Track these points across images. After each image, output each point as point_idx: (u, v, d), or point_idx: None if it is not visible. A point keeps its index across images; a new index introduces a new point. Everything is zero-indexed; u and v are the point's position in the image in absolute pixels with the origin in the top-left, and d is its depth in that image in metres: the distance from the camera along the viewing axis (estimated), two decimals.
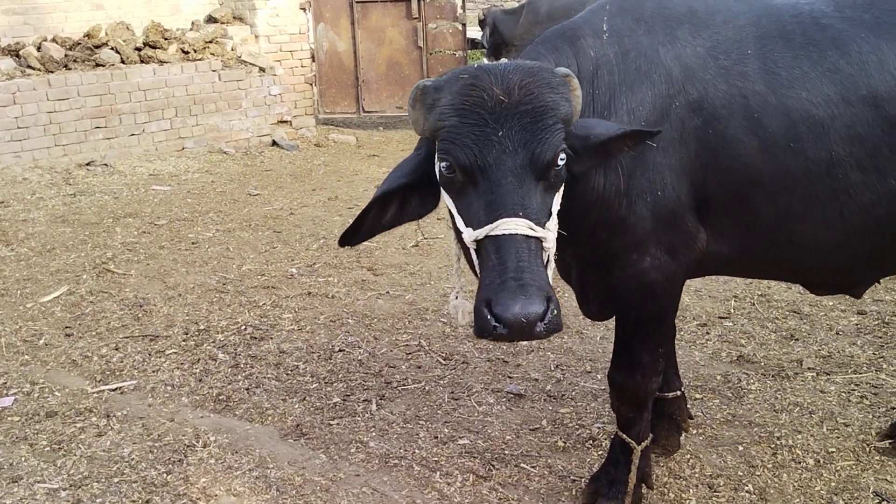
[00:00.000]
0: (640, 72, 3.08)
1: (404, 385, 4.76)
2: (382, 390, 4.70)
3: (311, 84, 13.27)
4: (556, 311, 2.50)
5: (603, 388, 4.58)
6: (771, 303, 5.81)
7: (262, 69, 12.35)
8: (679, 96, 3.06)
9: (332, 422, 4.35)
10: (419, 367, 4.98)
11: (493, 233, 2.57)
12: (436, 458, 4.00)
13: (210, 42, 12.21)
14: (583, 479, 3.77)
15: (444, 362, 5.03)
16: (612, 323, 3.51)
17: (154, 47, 11.74)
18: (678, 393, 3.96)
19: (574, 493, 3.71)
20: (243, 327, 5.56)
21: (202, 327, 5.57)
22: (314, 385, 4.76)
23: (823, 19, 3.15)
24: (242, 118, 12.04)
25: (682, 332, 5.36)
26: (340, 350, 5.19)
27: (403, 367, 5.00)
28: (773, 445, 4.03)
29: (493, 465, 3.92)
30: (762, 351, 5.07)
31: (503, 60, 2.73)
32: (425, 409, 4.49)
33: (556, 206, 2.73)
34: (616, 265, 3.21)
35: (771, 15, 3.19)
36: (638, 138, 2.90)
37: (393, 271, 6.69)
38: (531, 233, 2.57)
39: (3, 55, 10.71)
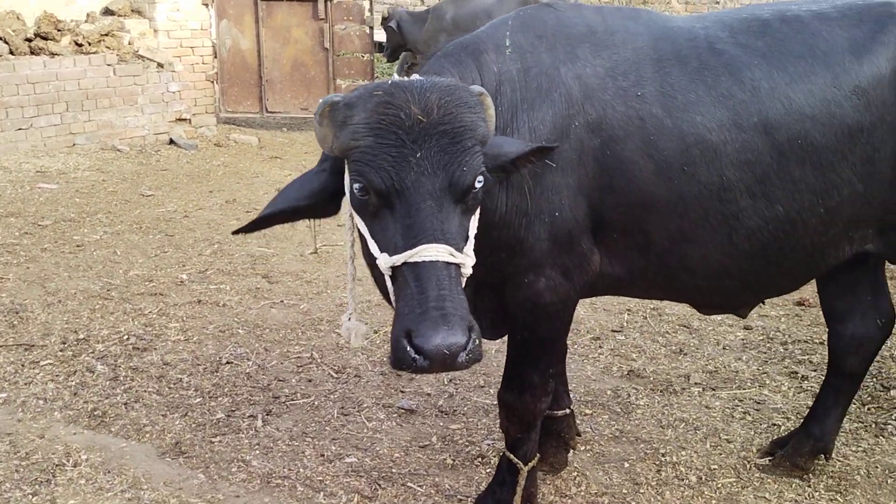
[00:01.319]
0: (541, 90, 3.05)
1: (293, 400, 4.63)
2: (269, 405, 4.56)
3: (213, 82, 12.94)
4: (477, 341, 2.42)
5: (494, 403, 4.54)
6: (662, 317, 5.90)
7: (160, 65, 11.97)
8: (579, 116, 3.05)
9: (213, 439, 4.19)
10: (310, 381, 4.85)
11: (412, 259, 2.46)
12: (320, 478, 3.88)
13: (106, 35, 11.77)
14: (469, 499, 3.72)
15: (335, 376, 4.92)
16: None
17: (46, 38, 11.24)
18: (567, 411, 3.95)
19: None
20: (126, 337, 5.33)
21: (81, 336, 5.31)
22: (197, 400, 4.59)
23: (718, 44, 3.19)
24: (138, 115, 11.65)
25: (575, 346, 5.38)
26: (228, 362, 5.03)
27: (293, 380, 4.86)
28: (657, 462, 4.06)
29: (380, 485, 3.84)
30: (652, 365, 5.12)
31: (414, 76, 2.71)
32: (313, 425, 4.37)
33: (472, 230, 2.67)
34: (510, 286, 3.18)
35: (668, 38, 3.22)
36: (542, 154, 2.87)
37: (289, 279, 6.53)
38: (451, 259, 2.48)
39: None
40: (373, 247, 2.60)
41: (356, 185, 2.55)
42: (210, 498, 3.71)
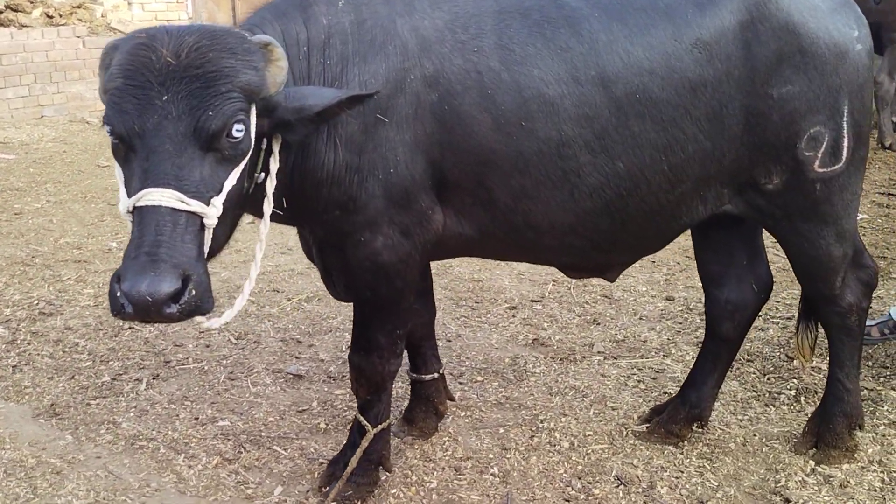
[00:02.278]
0: (374, 42, 2.96)
1: (183, 364, 4.61)
2: (159, 369, 4.54)
3: None
4: (194, 292, 2.37)
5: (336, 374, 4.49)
6: (586, 287, 5.81)
7: None
8: (415, 70, 2.96)
9: (92, 402, 4.18)
10: (207, 346, 4.83)
11: (138, 203, 2.42)
12: (186, 441, 3.86)
13: (78, 7, 11.79)
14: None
15: (234, 342, 4.90)
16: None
17: (16, 11, 11.26)
18: (435, 375, 3.90)
19: (316, 475, 3.61)
20: (36, 302, 5.34)
21: None
22: (87, 363, 4.58)
23: None
24: None
25: (489, 315, 5.33)
26: (130, 328, 5.00)
27: (191, 345, 4.84)
28: (533, 428, 4.00)
29: (244, 448, 3.81)
30: (560, 335, 5.05)
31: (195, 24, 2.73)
32: (196, 389, 4.35)
33: (231, 182, 2.58)
34: (348, 244, 3.12)
35: None
36: (355, 102, 2.77)
37: None
38: (181, 206, 2.41)
39: None
40: (122, 193, 2.54)
41: (106, 128, 2.51)
42: (71, 458, 3.70)
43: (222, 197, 2.55)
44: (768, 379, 4.49)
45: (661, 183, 3.14)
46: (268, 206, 2.88)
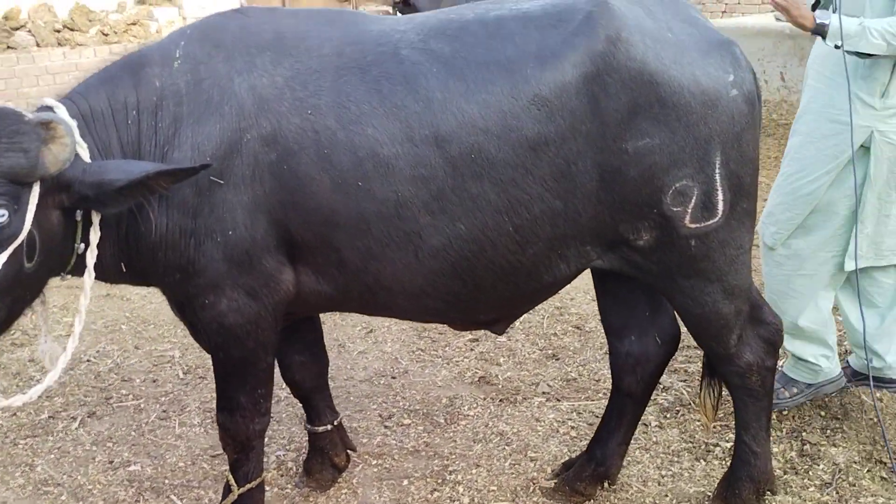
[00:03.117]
0: (211, 103, 2.89)
1: (122, 401, 4.67)
2: (97, 407, 4.61)
3: None
4: None
5: (291, 413, 4.46)
6: (562, 317, 5.61)
7: None
8: (251, 130, 2.87)
9: (21, 441, 4.28)
10: (154, 382, 4.89)
11: None
12: (91, 486, 3.91)
13: (133, 24, 12.15)
14: None
15: (181, 377, 4.94)
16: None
17: (73, 30, 11.71)
18: (329, 427, 3.82)
19: None
20: (13, 332, 5.49)
21: None
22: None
23: (405, 50, 2.97)
24: None
25: (447, 349, 5.21)
26: (87, 360, 5.12)
27: (137, 380, 4.90)
28: (439, 481, 3.88)
29: (143, 496, 3.84)
30: (511, 371, 4.89)
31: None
32: (123, 429, 4.39)
33: None
34: (194, 306, 3.07)
35: (357, 44, 3.02)
36: (171, 178, 2.72)
37: None
38: None
39: None
40: None
41: None
42: None
43: None
44: (713, 427, 4.21)
45: (508, 244, 2.97)
46: (88, 278, 2.85)
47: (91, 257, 2.82)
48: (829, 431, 4.07)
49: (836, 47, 3.62)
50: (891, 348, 4.16)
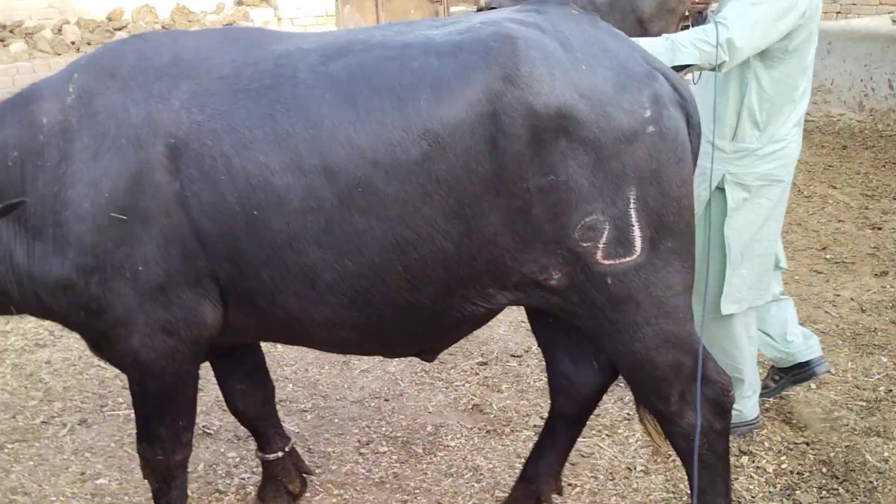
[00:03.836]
0: (107, 136, 2.78)
1: (114, 410, 4.71)
2: (90, 414, 4.67)
3: None
4: None
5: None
6: None
7: None
8: (151, 160, 2.76)
9: (8, 445, 4.38)
10: None
11: None
12: (54, 499, 3.95)
13: (230, 24, 12.43)
14: None
15: None
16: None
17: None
18: (280, 454, 3.70)
19: None
20: (40, 332, 5.68)
21: None
22: (36, 402, 4.80)
23: (302, 73, 2.82)
24: None
25: (452, 371, 5.01)
26: (97, 365, 5.19)
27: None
28: None
29: None
30: (509, 401, 4.65)
31: None
32: (106, 439, 4.43)
33: None
34: (104, 342, 3.00)
35: (257, 64, 2.88)
36: None
37: None
38: None
39: (19, 38, 11.36)
40: None
41: None
42: None
43: None
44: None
45: (401, 283, 2.81)
46: None
47: None
48: (824, 492, 3.65)
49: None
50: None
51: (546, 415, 4.36)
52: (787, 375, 4.33)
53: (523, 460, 4.02)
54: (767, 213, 3.81)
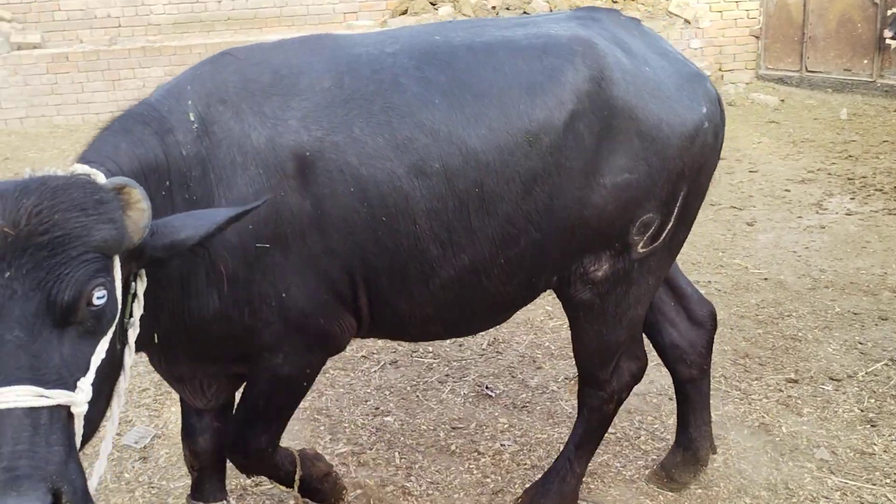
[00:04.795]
0: (235, 165, 2.75)
1: (421, 357, 5.17)
2: (403, 357, 5.18)
3: (756, 37, 12.65)
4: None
5: (520, 403, 4.44)
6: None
7: (686, 21, 12.20)
8: (282, 184, 2.77)
9: (332, 370, 5.04)
10: (460, 346, 5.30)
11: None
12: (346, 424, 4.48)
13: None
14: None
15: (484, 348, 5.26)
16: None
17: None
18: None
19: None
20: None
21: None
22: None
23: (403, 78, 2.93)
24: None
25: (758, 381, 4.69)
26: None
27: None
28: None
29: (377, 445, 4.28)
30: (808, 426, 4.25)
31: (26, 175, 2.31)
32: (404, 382, 4.89)
33: (100, 355, 2.23)
34: (246, 363, 3.04)
35: (353, 72, 2.92)
36: (236, 220, 2.50)
37: None
38: (41, 402, 2.05)
39: (447, 1, 12.45)
40: None
41: None
42: None
43: (91, 376, 2.19)
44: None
45: (500, 275, 3.05)
46: (129, 357, 2.50)
47: (133, 333, 2.49)
48: None
49: None
50: None
51: (841, 447, 4.00)
52: None
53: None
54: None
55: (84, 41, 11.81)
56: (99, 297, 2.17)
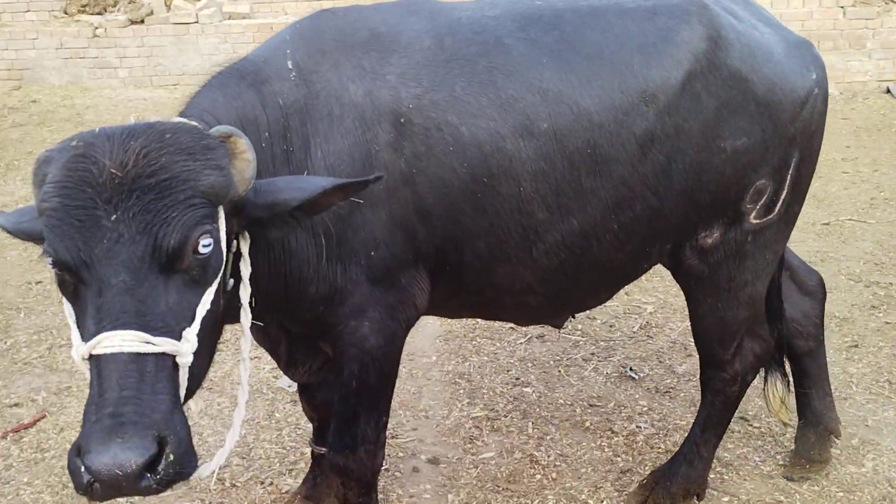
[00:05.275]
0: (332, 117, 2.70)
1: (570, 334, 5.16)
2: (550, 332, 5.19)
3: None
4: (173, 456, 1.99)
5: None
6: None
7: None
8: (377, 138, 2.72)
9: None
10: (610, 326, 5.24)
11: (94, 351, 2.03)
12: (486, 391, 4.57)
13: None
14: None
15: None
16: None
17: None
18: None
19: None
20: None
21: None
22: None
23: (507, 39, 2.88)
24: (863, 59, 11.32)
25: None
26: None
27: None
28: None
29: (522, 421, 4.34)
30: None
31: (131, 121, 2.29)
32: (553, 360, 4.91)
33: (205, 306, 2.20)
34: (332, 336, 2.93)
35: (454, 33, 2.88)
36: (343, 193, 2.44)
37: None
38: (147, 349, 2.03)
39: None
40: (74, 336, 2.14)
41: (48, 259, 2.13)
42: None
43: (196, 327, 2.16)
44: None
45: (612, 241, 2.98)
46: (245, 318, 2.52)
47: (245, 293, 2.49)
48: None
49: None
50: None
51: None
52: None
53: None
54: None
55: (289, 13, 12.43)
56: (205, 245, 2.15)
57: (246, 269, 2.47)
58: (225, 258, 2.27)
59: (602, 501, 3.65)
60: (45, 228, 2.10)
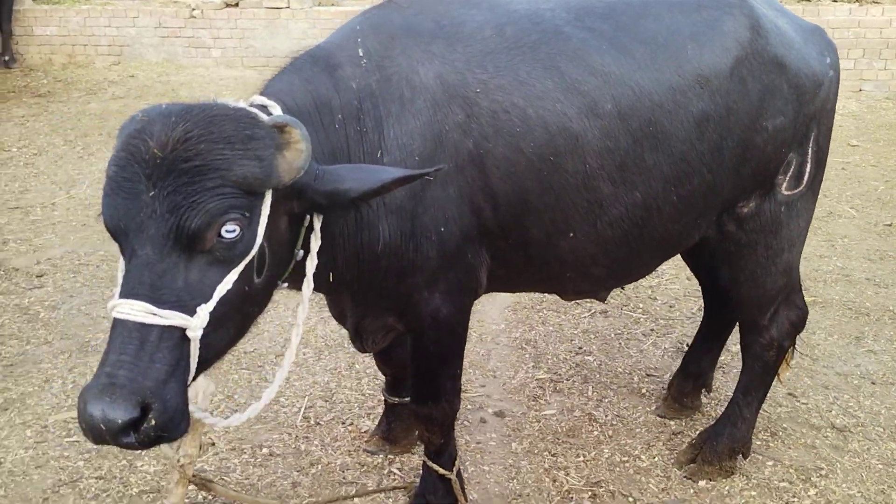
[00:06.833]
0: (404, 99, 2.83)
1: (631, 312, 5.46)
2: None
3: None
4: (154, 422, 2.14)
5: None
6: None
7: None
8: (447, 120, 2.86)
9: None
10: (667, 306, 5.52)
11: (111, 313, 2.23)
12: (553, 356, 4.90)
13: None
14: None
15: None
16: None
17: None
18: (407, 399, 3.72)
19: None
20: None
21: None
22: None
23: (566, 28, 3.10)
24: None
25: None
26: None
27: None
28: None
29: (586, 387, 4.67)
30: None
31: (203, 100, 2.44)
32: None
33: (226, 286, 2.32)
34: (407, 306, 3.09)
35: (514, 23, 3.07)
36: (405, 183, 2.58)
37: None
38: (152, 320, 2.19)
39: None
40: (115, 290, 2.30)
41: (103, 219, 2.33)
42: None
43: (211, 304, 2.28)
44: None
45: (671, 213, 3.23)
46: (307, 288, 2.68)
47: (311, 265, 2.66)
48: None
49: None
50: None
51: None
52: None
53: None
54: None
55: (376, 2, 12.92)
56: (229, 231, 2.26)
57: (316, 242, 2.65)
58: (258, 241, 2.37)
59: (654, 457, 3.97)
60: (102, 192, 2.31)
